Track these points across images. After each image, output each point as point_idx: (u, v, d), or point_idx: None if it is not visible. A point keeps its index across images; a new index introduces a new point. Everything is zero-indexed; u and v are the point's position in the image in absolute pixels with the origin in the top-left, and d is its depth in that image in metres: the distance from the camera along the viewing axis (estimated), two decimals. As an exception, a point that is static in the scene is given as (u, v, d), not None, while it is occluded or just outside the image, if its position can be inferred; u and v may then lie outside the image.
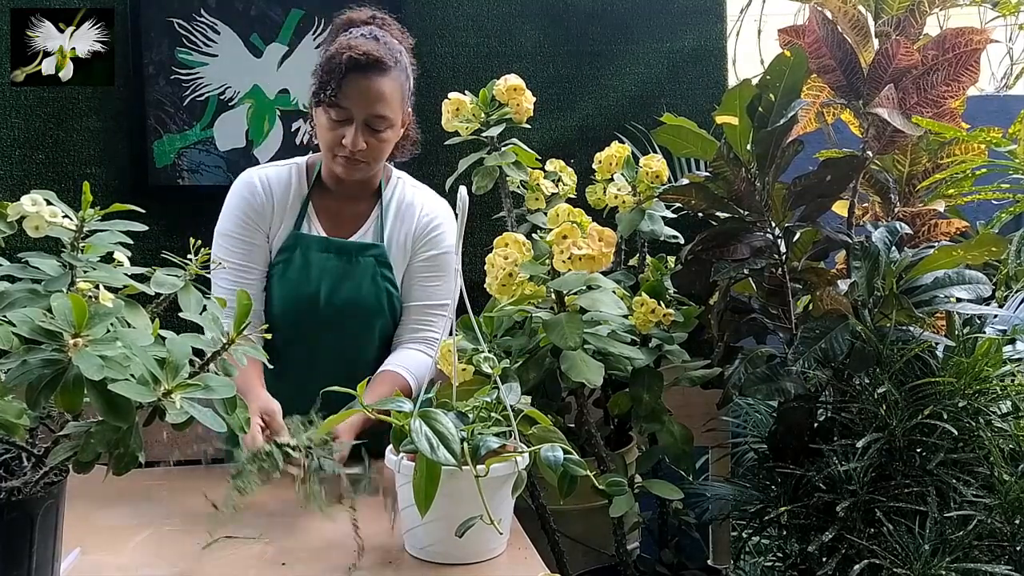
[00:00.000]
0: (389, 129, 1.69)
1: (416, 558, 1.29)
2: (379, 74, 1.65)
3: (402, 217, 1.80)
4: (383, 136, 1.69)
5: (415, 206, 1.82)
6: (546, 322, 1.53)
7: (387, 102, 1.66)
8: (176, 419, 0.93)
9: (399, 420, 1.24)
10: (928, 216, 1.77)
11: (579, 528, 1.77)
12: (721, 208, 1.65)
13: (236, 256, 1.73)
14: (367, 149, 1.67)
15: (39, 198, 1.00)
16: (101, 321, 0.90)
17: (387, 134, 1.69)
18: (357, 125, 1.65)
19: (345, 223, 1.78)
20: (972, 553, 1.42)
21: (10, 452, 1.00)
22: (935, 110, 1.63)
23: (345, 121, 1.66)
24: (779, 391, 1.57)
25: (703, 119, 1.83)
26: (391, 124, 1.69)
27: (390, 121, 1.68)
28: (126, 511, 1.49)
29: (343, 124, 1.66)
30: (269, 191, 1.76)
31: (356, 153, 1.67)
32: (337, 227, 1.78)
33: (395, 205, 1.81)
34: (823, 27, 1.60)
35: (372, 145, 1.68)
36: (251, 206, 1.75)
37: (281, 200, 1.76)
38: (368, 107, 1.65)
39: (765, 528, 1.68)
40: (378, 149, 1.70)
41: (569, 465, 1.28)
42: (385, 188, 1.82)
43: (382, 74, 1.65)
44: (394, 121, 1.70)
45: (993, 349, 1.53)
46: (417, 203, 1.82)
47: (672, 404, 1.71)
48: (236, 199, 1.77)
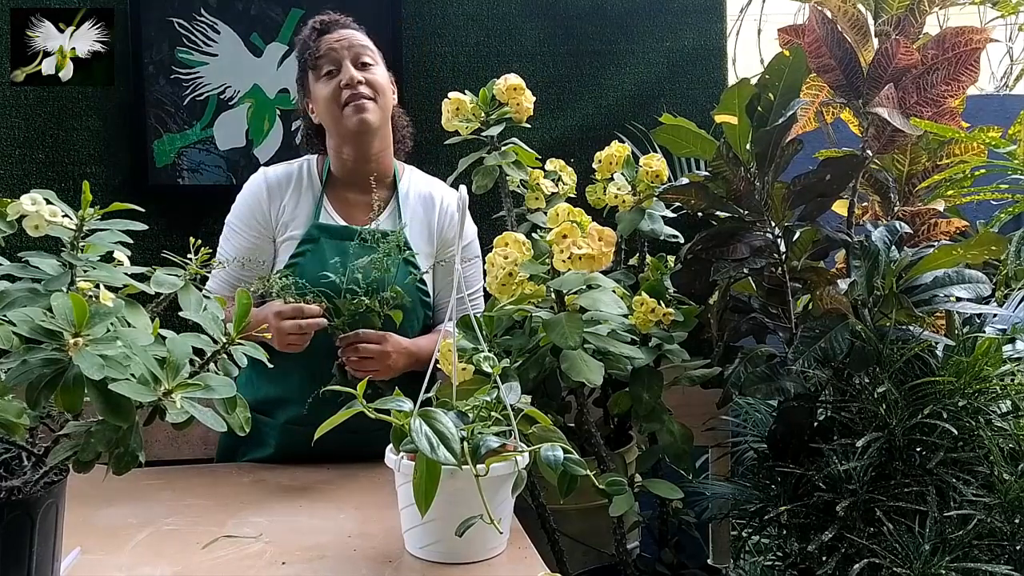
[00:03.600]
0: (377, 67, 1.78)
1: (416, 557, 1.29)
2: (344, 27, 1.80)
3: (424, 206, 1.85)
4: (375, 72, 1.77)
5: (434, 198, 1.87)
6: (546, 321, 1.53)
7: (362, 42, 1.78)
8: (176, 419, 0.93)
9: (399, 419, 1.24)
10: (928, 215, 1.76)
11: (579, 527, 1.77)
12: (721, 208, 1.65)
13: (237, 252, 1.77)
14: (367, 83, 1.74)
15: (39, 197, 1.00)
16: (101, 321, 0.90)
17: (377, 71, 1.78)
18: (347, 64, 1.75)
19: (362, 214, 1.80)
20: (972, 552, 1.42)
21: (10, 452, 1.00)
22: (935, 110, 1.63)
23: (335, 70, 1.75)
24: (779, 390, 1.58)
25: (703, 118, 1.84)
26: (376, 63, 1.78)
27: (374, 59, 1.78)
28: (126, 511, 1.49)
29: (335, 75, 1.75)
30: (277, 189, 1.79)
31: (358, 88, 1.73)
32: (354, 218, 1.80)
33: (412, 195, 1.85)
34: (823, 26, 1.60)
35: (368, 80, 1.75)
36: (258, 204, 1.79)
37: (293, 196, 1.79)
38: (347, 47, 1.76)
39: (765, 527, 1.68)
40: (376, 84, 1.76)
41: (569, 464, 1.28)
42: (400, 179, 1.86)
43: (345, 27, 1.81)
44: (378, 60, 1.79)
45: (993, 348, 1.53)
46: (436, 195, 1.87)
47: (672, 403, 1.72)
48: (244, 195, 1.82)
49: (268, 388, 1.78)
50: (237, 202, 1.81)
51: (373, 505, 1.52)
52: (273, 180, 1.80)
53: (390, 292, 1.64)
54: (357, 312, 1.63)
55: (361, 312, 1.63)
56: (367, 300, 1.62)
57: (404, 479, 1.25)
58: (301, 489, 1.62)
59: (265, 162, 2.25)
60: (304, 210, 1.78)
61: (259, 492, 1.61)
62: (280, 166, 1.85)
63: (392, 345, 1.65)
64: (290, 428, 1.74)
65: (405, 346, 1.68)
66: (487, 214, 2.09)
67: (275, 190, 1.79)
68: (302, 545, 1.35)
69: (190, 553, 1.32)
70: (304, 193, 1.80)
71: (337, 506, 1.52)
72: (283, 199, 1.78)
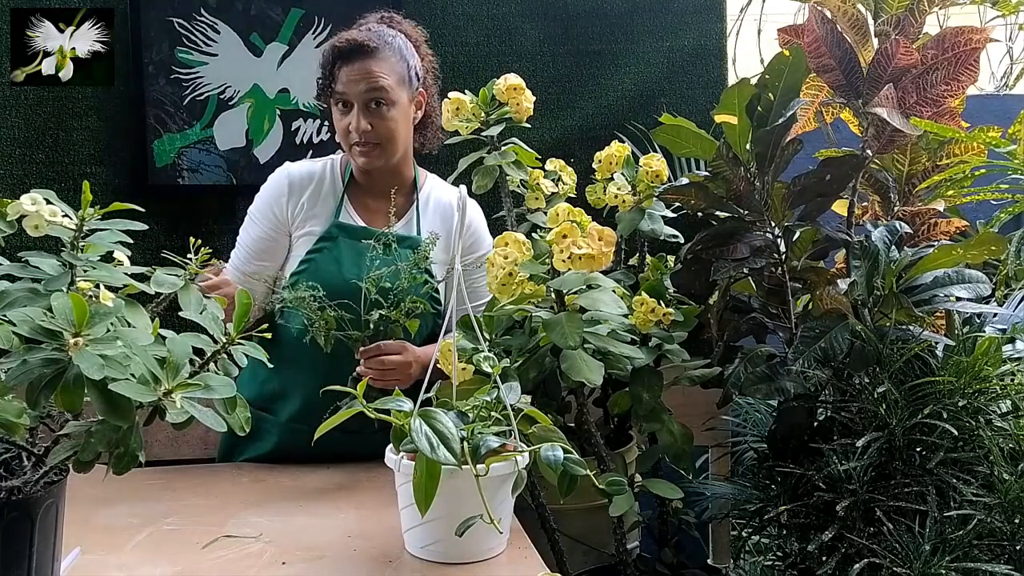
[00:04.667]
0: (391, 108, 1.73)
1: (416, 557, 1.29)
2: (364, 57, 1.71)
3: (442, 215, 1.85)
4: (387, 115, 1.73)
5: (453, 207, 1.84)
6: (546, 321, 1.53)
7: (378, 80, 1.71)
8: (176, 419, 0.93)
9: (399, 419, 1.24)
10: (928, 215, 1.76)
11: (579, 527, 1.77)
12: (721, 208, 1.65)
13: (252, 241, 1.81)
14: (372, 131, 1.72)
15: (39, 197, 1.00)
16: (101, 320, 0.90)
17: (391, 113, 1.73)
18: (358, 108, 1.71)
19: (381, 218, 1.80)
20: (972, 552, 1.42)
21: (10, 451, 1.00)
22: (934, 109, 1.62)
23: (349, 110, 1.72)
24: (779, 390, 1.57)
25: (703, 118, 1.83)
26: (391, 103, 1.73)
27: (389, 99, 1.72)
28: (126, 511, 1.49)
29: (347, 113, 1.73)
30: (298, 186, 1.81)
31: (363, 136, 1.71)
32: (373, 221, 1.81)
33: (432, 203, 1.85)
34: (822, 26, 1.60)
35: (377, 126, 1.72)
36: (277, 199, 1.80)
37: (313, 194, 1.80)
38: (361, 88, 1.70)
39: (765, 527, 1.68)
40: (385, 129, 1.73)
41: (569, 464, 1.28)
42: (421, 187, 1.86)
43: (367, 56, 1.71)
44: (394, 99, 1.73)
45: (993, 348, 1.53)
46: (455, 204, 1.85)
47: (672, 403, 1.72)
48: (267, 189, 1.84)
49: (272, 383, 1.78)
50: (260, 193, 1.84)
51: (373, 505, 1.52)
52: (296, 177, 1.81)
53: (408, 303, 1.63)
54: (380, 324, 1.62)
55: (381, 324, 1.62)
56: (391, 313, 1.61)
57: (404, 479, 1.25)
58: (301, 489, 1.62)
59: (265, 162, 2.26)
60: (325, 209, 1.80)
61: (259, 492, 1.62)
62: (304, 163, 1.86)
63: (412, 355, 1.66)
64: (291, 426, 1.74)
65: (419, 355, 1.68)
66: (487, 214, 2.09)
67: (296, 187, 1.80)
68: (302, 545, 1.35)
69: (190, 553, 1.32)
70: (326, 192, 1.81)
71: (337, 506, 1.52)
72: (303, 196, 1.80)
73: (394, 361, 1.63)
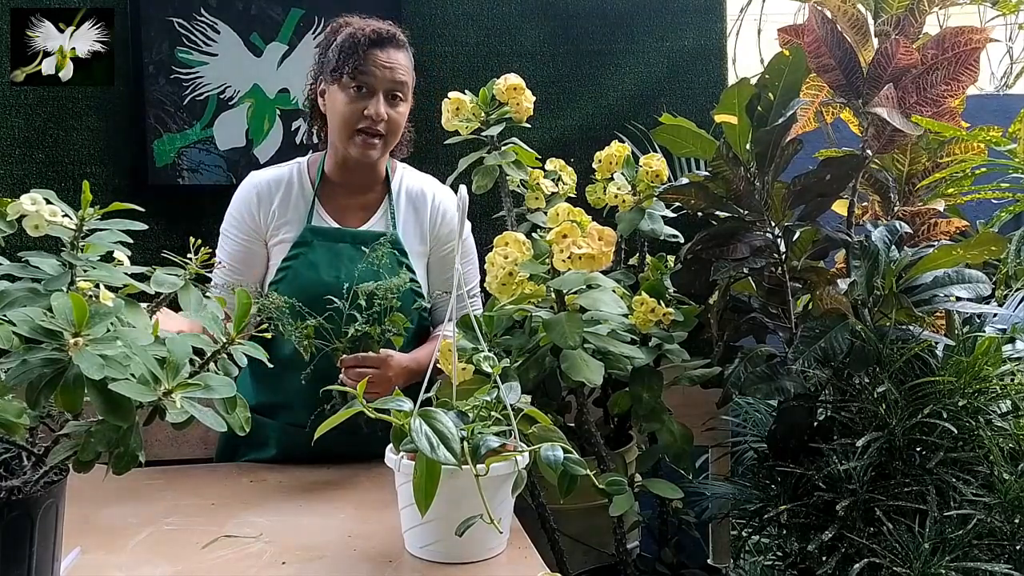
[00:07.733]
0: (404, 104, 1.76)
1: (416, 557, 1.29)
2: (396, 47, 1.74)
3: (414, 206, 1.84)
4: (400, 111, 1.75)
5: (426, 196, 1.85)
6: (546, 321, 1.53)
7: (405, 74, 1.74)
8: (176, 419, 0.93)
9: (399, 419, 1.24)
10: (928, 215, 1.76)
11: (579, 527, 1.77)
12: (721, 207, 1.65)
13: (230, 256, 1.78)
14: (387, 122, 1.72)
15: (39, 197, 1.00)
16: (101, 320, 0.90)
17: (402, 109, 1.76)
18: (380, 96, 1.71)
19: (355, 215, 1.80)
20: (972, 552, 1.42)
21: (10, 451, 1.00)
22: (935, 109, 1.63)
23: (366, 94, 1.71)
24: (779, 390, 1.58)
25: (703, 118, 1.83)
26: (405, 99, 1.75)
27: (406, 94, 1.75)
28: (126, 511, 1.49)
29: (364, 98, 1.71)
30: (266, 194, 1.79)
31: (378, 124, 1.71)
32: (346, 220, 1.80)
33: (405, 194, 1.84)
34: (822, 26, 1.60)
35: (391, 118, 1.73)
36: (248, 210, 1.79)
37: (283, 200, 1.78)
38: (390, 77, 1.72)
39: (765, 527, 1.68)
40: (395, 124, 1.75)
41: (569, 464, 1.28)
42: (392, 178, 1.85)
43: (398, 48, 1.75)
44: (407, 97, 1.76)
45: (993, 348, 1.53)
46: (428, 192, 1.86)
47: (672, 403, 1.72)
48: (236, 202, 1.82)
49: (267, 394, 1.78)
50: (229, 209, 1.82)
51: (373, 505, 1.52)
52: (263, 185, 1.80)
53: (389, 323, 1.61)
54: (357, 337, 1.61)
55: (361, 336, 1.61)
56: (368, 328, 1.60)
57: (404, 479, 1.25)
58: (301, 489, 1.62)
59: (265, 162, 2.25)
60: (296, 214, 1.78)
61: (259, 492, 1.62)
62: (270, 170, 1.84)
63: (393, 368, 1.63)
64: (291, 429, 1.74)
65: (405, 364, 1.65)
66: (487, 214, 2.09)
67: (264, 195, 1.79)
68: (302, 545, 1.35)
69: (190, 553, 1.32)
70: (295, 197, 1.79)
71: (337, 506, 1.52)
72: (273, 204, 1.78)
73: (374, 375, 1.60)
